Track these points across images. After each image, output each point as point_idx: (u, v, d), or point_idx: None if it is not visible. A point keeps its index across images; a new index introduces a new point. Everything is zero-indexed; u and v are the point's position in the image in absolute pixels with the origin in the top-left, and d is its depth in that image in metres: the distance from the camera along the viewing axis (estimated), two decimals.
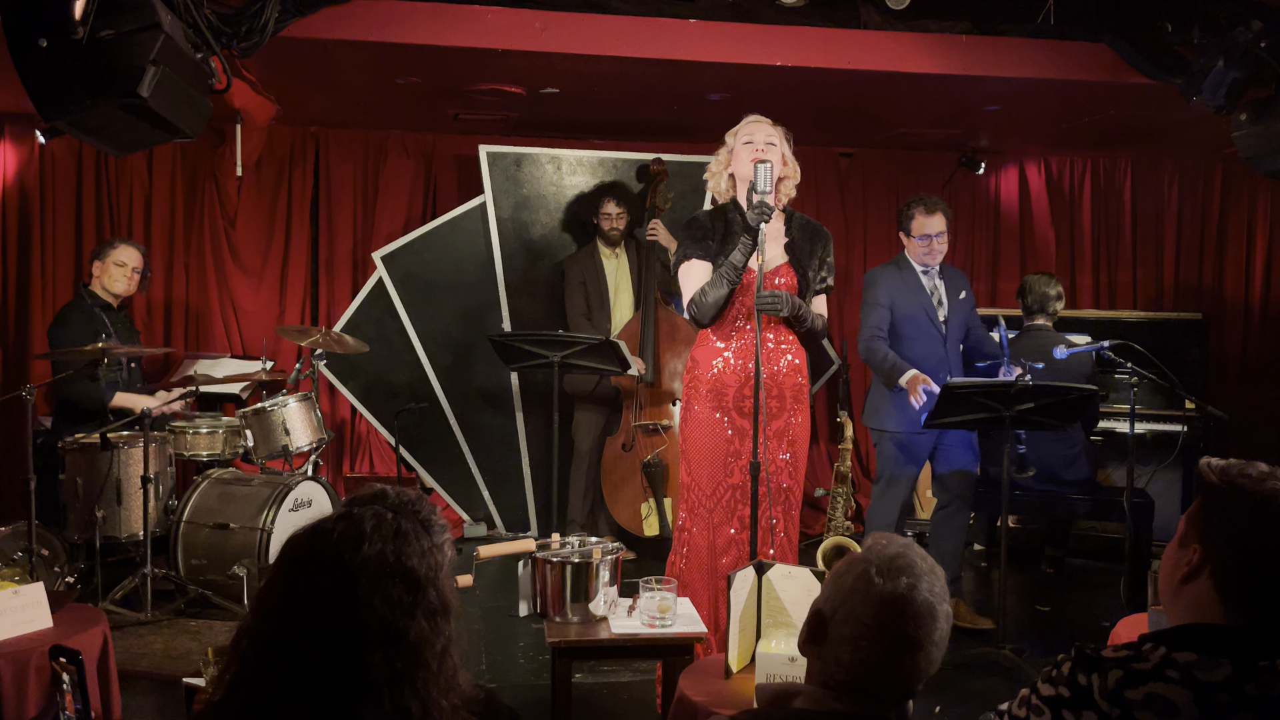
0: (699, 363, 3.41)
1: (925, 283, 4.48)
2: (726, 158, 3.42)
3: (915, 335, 4.42)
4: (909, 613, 1.51)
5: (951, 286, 4.53)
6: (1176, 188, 6.91)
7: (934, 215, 4.43)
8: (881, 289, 4.45)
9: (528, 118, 5.74)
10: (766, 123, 3.41)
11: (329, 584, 1.36)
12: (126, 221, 5.94)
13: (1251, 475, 1.53)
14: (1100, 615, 4.72)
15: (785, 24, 4.38)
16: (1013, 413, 3.98)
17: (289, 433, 4.83)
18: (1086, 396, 4.03)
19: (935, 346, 4.42)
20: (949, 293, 4.51)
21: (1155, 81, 4.49)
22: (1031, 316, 5.04)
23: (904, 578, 1.52)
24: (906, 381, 4.19)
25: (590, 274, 5.57)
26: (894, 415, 4.37)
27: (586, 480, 5.56)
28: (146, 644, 4.13)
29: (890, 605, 1.51)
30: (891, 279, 4.48)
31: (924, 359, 4.32)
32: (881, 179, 6.72)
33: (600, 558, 2.89)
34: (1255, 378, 6.86)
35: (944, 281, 4.52)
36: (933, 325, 4.43)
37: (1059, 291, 5.06)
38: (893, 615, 1.51)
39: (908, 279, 4.48)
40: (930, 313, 4.44)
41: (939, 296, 4.49)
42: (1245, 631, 1.50)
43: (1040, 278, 5.08)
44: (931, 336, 4.42)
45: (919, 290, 4.45)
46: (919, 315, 4.43)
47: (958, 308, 4.51)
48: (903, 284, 4.46)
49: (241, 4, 3.80)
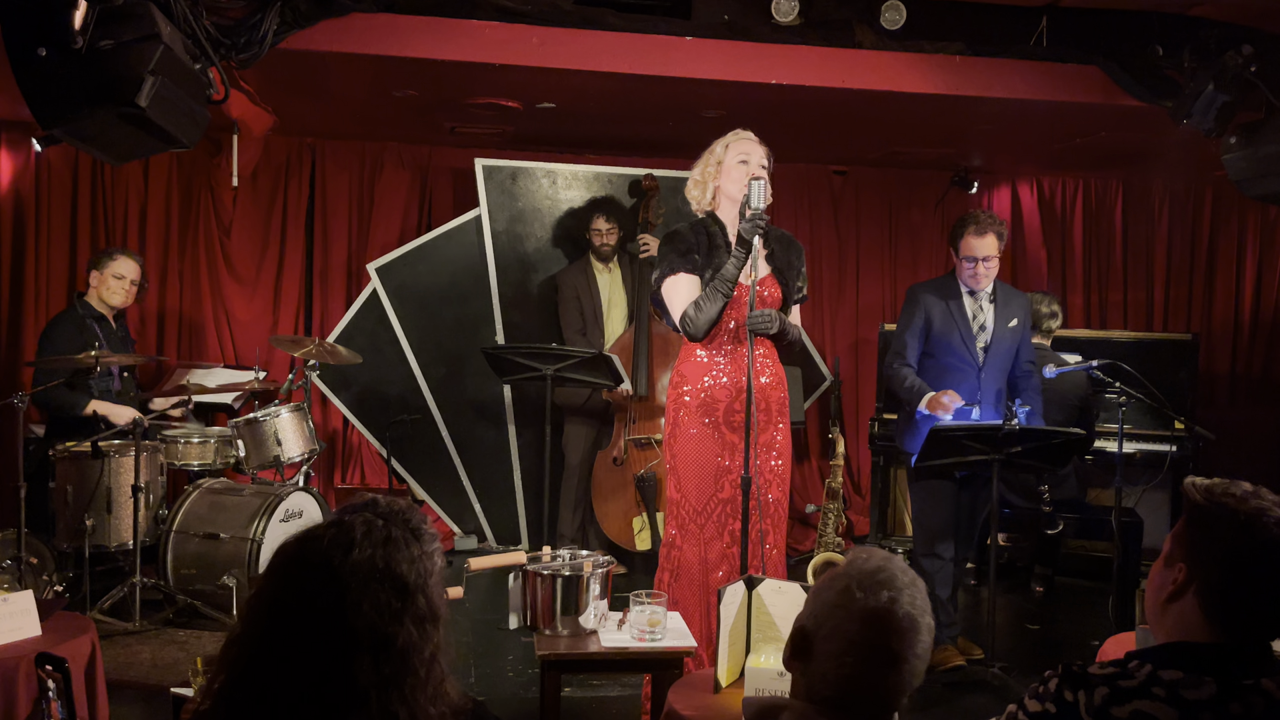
0: (687, 378, 3.40)
1: (969, 306, 4.17)
2: (715, 170, 3.41)
3: (948, 362, 4.14)
4: (891, 627, 1.51)
5: (1003, 312, 4.19)
6: (1167, 209, 6.96)
7: (985, 237, 4.08)
8: (917, 310, 4.19)
9: (523, 132, 5.76)
10: (756, 141, 3.43)
11: (318, 588, 1.36)
12: (121, 230, 5.94)
13: (1235, 495, 1.54)
14: (1089, 634, 4.72)
15: (780, 43, 4.41)
16: (1002, 456, 3.91)
17: (281, 443, 4.82)
18: (1075, 441, 4.03)
19: (967, 375, 4.13)
20: (998, 319, 4.18)
21: (1146, 104, 4.53)
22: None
23: (885, 592, 1.52)
24: (928, 404, 4.02)
25: (583, 288, 5.59)
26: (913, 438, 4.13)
27: (577, 494, 5.57)
28: (135, 653, 4.12)
29: (872, 620, 1.51)
30: (931, 299, 4.19)
31: (953, 389, 4.05)
32: (875, 197, 6.76)
33: (591, 571, 2.89)
34: (1245, 398, 6.90)
35: (994, 305, 4.19)
36: (968, 352, 4.13)
37: (1055, 310, 5.08)
38: (875, 630, 1.51)
39: (950, 300, 4.17)
40: (967, 339, 4.13)
41: (982, 322, 4.17)
42: (1230, 650, 1.52)
43: (1036, 296, 5.11)
44: (965, 364, 4.13)
45: (959, 314, 4.15)
46: (954, 340, 4.13)
47: (1004, 336, 4.17)
48: (942, 305, 4.17)
49: (241, 16, 3.82)
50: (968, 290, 4.18)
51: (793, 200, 6.61)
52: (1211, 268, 6.99)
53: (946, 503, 4.20)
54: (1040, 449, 3.99)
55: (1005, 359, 4.20)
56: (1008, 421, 3.88)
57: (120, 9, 3.12)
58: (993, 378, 4.17)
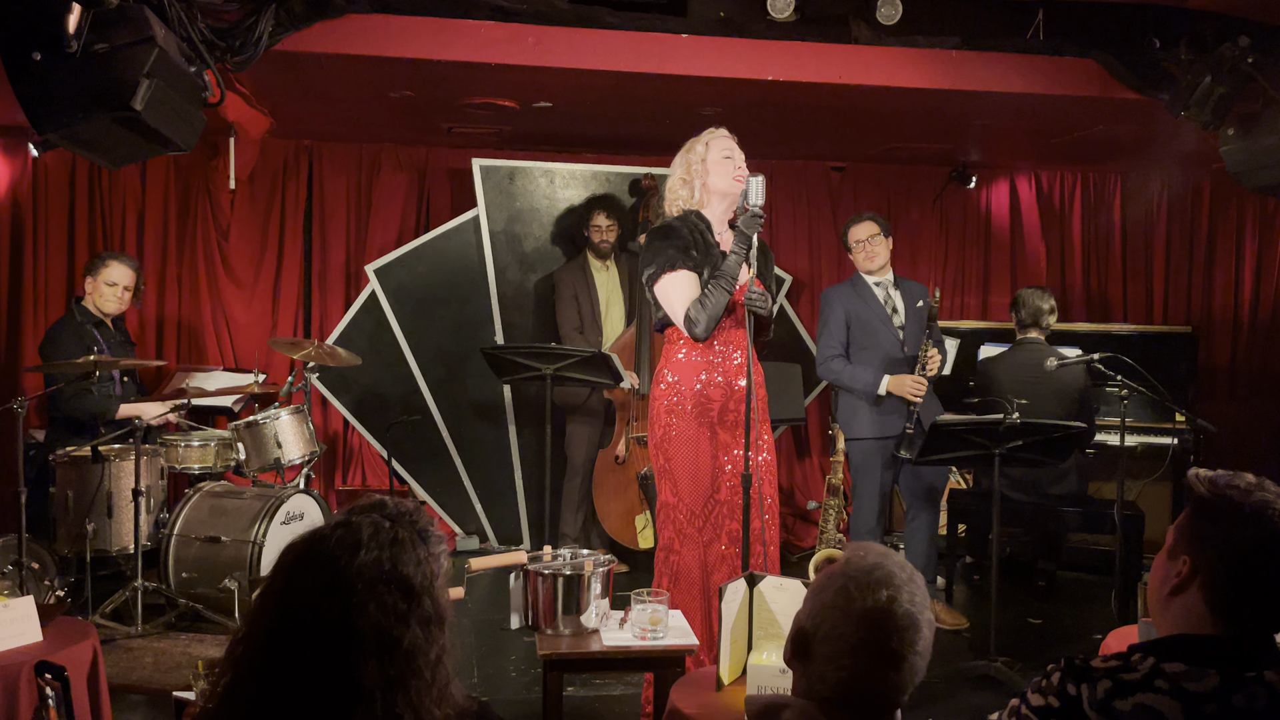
0: (681, 379, 3.35)
1: (879, 294, 4.70)
2: (701, 168, 3.38)
3: (873, 344, 4.64)
4: (890, 626, 1.50)
5: (908, 297, 4.73)
6: (1165, 202, 6.95)
7: (862, 224, 4.73)
8: (835, 307, 4.72)
9: (521, 131, 5.76)
10: (734, 139, 3.42)
11: (324, 589, 1.36)
12: (119, 234, 5.93)
13: (1240, 486, 1.54)
14: (1092, 627, 4.72)
15: (776, 39, 4.40)
16: (1002, 450, 3.98)
17: (281, 446, 4.82)
18: (1075, 434, 4.05)
19: (894, 352, 4.63)
20: (906, 301, 4.71)
21: (1143, 97, 4.53)
22: (1025, 330, 5.06)
23: (884, 590, 1.51)
24: (892, 388, 4.50)
25: (581, 287, 5.58)
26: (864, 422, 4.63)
27: (580, 494, 5.56)
28: (137, 658, 4.12)
29: (871, 620, 1.50)
30: (840, 295, 4.75)
31: (885, 368, 4.57)
32: (873, 193, 6.74)
33: (592, 570, 2.89)
34: (1245, 390, 6.89)
35: (899, 291, 4.73)
36: (889, 333, 4.65)
37: (1052, 305, 5.08)
38: (874, 630, 1.50)
39: (856, 291, 4.73)
40: (885, 321, 4.65)
41: (893, 305, 4.70)
42: (1233, 642, 1.51)
43: (1034, 291, 5.11)
44: (890, 344, 4.64)
45: (870, 300, 4.69)
46: (871, 324, 4.65)
47: (914, 316, 4.69)
48: (853, 297, 4.71)
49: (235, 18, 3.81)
50: (874, 281, 4.70)
51: (790, 197, 6.61)
52: (1211, 260, 6.98)
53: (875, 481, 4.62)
54: (1040, 443, 3.99)
55: (918, 336, 4.62)
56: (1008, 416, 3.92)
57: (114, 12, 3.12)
58: (914, 353, 4.61)
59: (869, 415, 4.60)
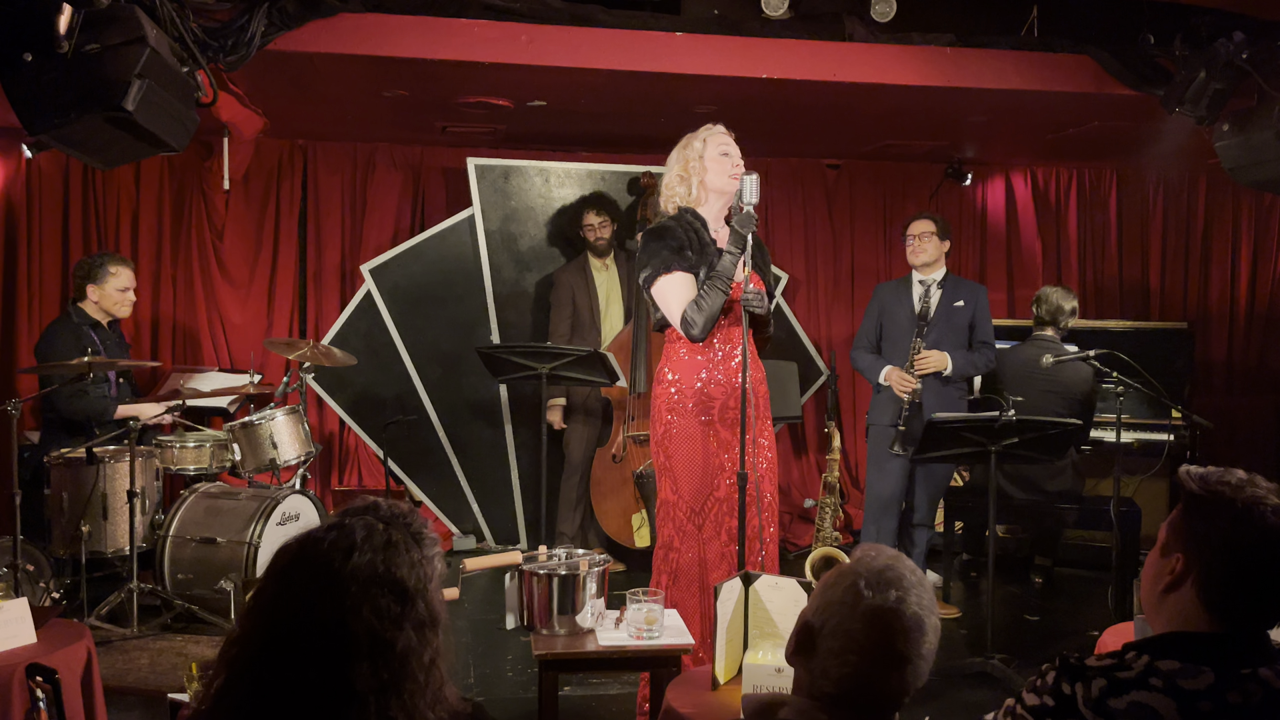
0: (681, 377, 3.35)
1: (916, 290, 4.77)
2: (699, 165, 3.36)
3: (894, 339, 4.76)
4: (897, 627, 1.50)
5: (949, 296, 4.73)
6: (1161, 198, 6.96)
7: (920, 220, 4.80)
8: (874, 301, 4.90)
9: (516, 130, 5.75)
10: (731, 136, 3.41)
11: (318, 592, 1.35)
12: (114, 235, 5.92)
13: (1231, 483, 1.53)
14: (1089, 624, 4.72)
15: (770, 36, 4.40)
16: (998, 447, 4.00)
17: (276, 446, 4.81)
18: (1070, 431, 4.05)
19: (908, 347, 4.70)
20: (944, 301, 4.71)
21: (1138, 93, 4.52)
22: (1042, 327, 5.07)
23: (893, 591, 1.51)
24: (886, 378, 4.66)
25: (580, 288, 5.58)
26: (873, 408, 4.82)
27: (577, 492, 5.56)
28: (132, 660, 4.11)
29: (879, 619, 1.50)
30: (885, 290, 4.91)
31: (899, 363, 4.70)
32: (869, 191, 6.75)
33: (587, 570, 2.88)
34: (1241, 386, 6.90)
35: (942, 290, 4.73)
36: (910, 328, 4.71)
37: (1074, 306, 5.09)
38: (881, 629, 1.49)
39: (899, 287, 4.85)
40: (909, 318, 4.72)
41: (927, 303, 4.72)
42: (1228, 639, 1.51)
43: (1057, 290, 5.12)
44: (906, 339, 4.70)
45: (905, 297, 4.78)
46: (899, 320, 4.75)
47: (947, 315, 4.69)
48: (893, 293, 4.84)
49: (228, 18, 3.80)
50: (919, 279, 4.76)
51: (786, 194, 6.60)
52: (1206, 256, 7.00)
53: (893, 476, 4.66)
54: (1037, 440, 3.99)
55: (945, 334, 4.66)
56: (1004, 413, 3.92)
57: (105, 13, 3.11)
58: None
59: (879, 402, 4.77)
